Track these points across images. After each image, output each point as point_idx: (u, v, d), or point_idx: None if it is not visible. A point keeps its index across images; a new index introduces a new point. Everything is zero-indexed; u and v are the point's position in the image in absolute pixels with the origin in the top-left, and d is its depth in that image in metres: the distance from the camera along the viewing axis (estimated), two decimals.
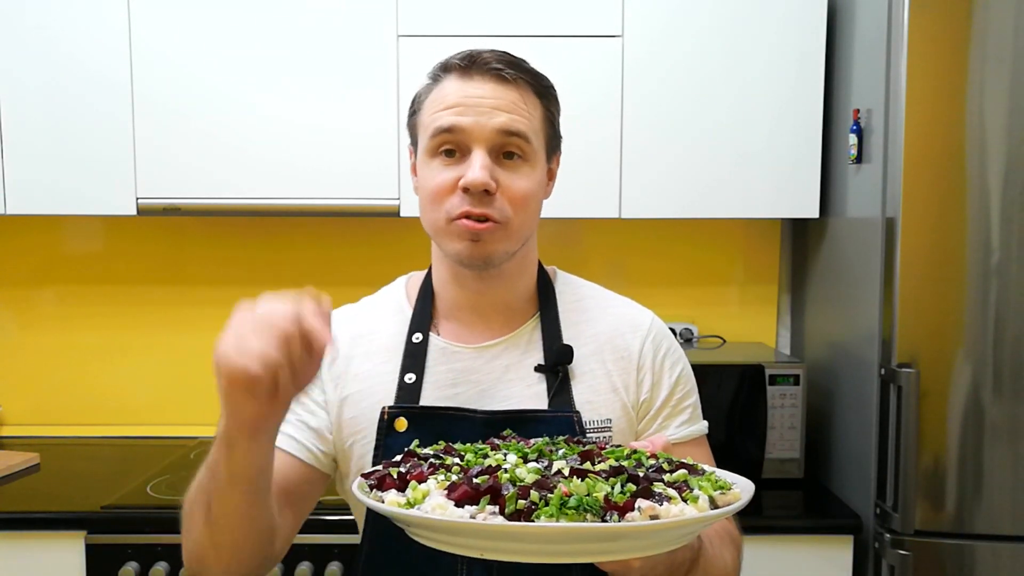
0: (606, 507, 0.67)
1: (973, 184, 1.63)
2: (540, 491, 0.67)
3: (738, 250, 2.36)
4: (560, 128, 1.04)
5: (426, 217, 0.98)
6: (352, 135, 1.98)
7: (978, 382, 1.64)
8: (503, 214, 0.94)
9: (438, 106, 0.95)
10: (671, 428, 1.02)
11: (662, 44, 1.97)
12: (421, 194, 0.99)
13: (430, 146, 0.96)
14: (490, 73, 0.95)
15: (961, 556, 1.65)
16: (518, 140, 0.94)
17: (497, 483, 0.68)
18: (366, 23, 1.96)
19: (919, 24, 1.63)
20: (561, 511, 0.65)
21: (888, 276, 1.69)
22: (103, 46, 1.97)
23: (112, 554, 1.70)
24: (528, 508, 0.66)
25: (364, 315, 1.08)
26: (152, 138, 1.98)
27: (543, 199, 1.02)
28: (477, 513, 0.66)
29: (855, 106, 1.84)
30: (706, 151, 2.00)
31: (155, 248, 2.36)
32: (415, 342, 1.01)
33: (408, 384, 0.99)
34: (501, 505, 0.66)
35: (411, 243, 2.32)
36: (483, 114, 0.93)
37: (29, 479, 1.98)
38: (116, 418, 2.37)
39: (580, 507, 0.65)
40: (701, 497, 0.71)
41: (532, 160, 0.96)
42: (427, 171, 0.97)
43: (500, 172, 0.94)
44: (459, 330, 1.03)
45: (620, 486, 0.70)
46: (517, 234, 0.96)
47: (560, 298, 1.05)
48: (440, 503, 0.68)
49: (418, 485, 0.72)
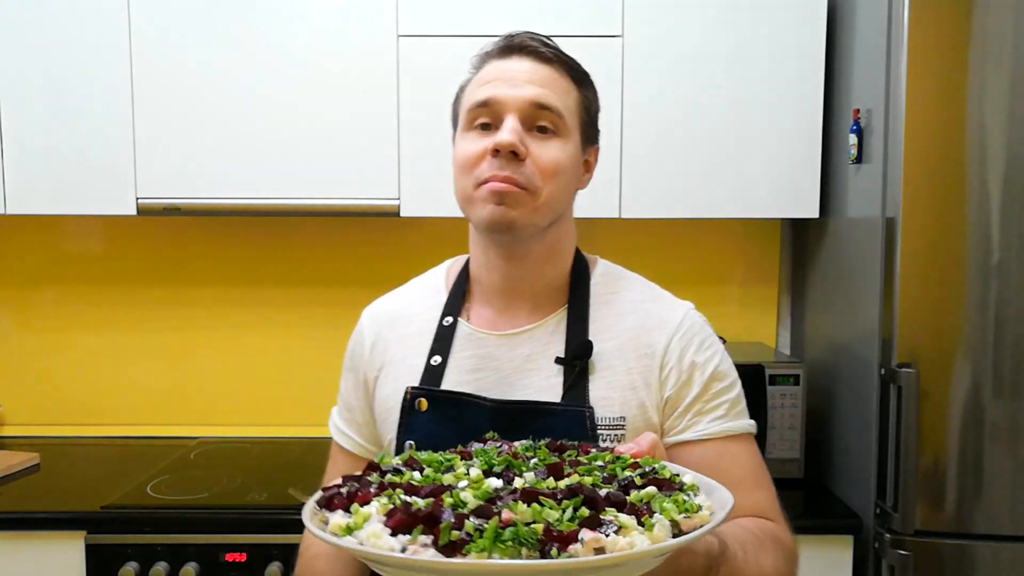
0: (546, 538, 0.60)
1: (973, 184, 1.63)
2: (478, 520, 0.62)
3: (738, 250, 2.36)
4: (598, 120, 1.04)
5: (457, 188, 0.99)
6: (352, 135, 1.98)
7: (978, 382, 1.64)
8: (531, 182, 0.94)
9: (476, 85, 0.98)
10: (702, 424, 0.98)
11: (662, 44, 1.97)
12: (454, 167, 0.99)
13: (466, 120, 0.98)
14: (527, 51, 0.98)
15: (961, 556, 1.64)
16: (550, 114, 0.95)
17: (437, 509, 0.63)
18: (366, 23, 1.96)
19: (919, 24, 1.63)
20: (495, 544, 0.59)
21: (888, 276, 1.69)
22: (103, 46, 1.97)
23: (112, 554, 1.70)
24: (461, 540, 0.60)
25: (404, 297, 1.11)
26: (152, 138, 1.98)
27: (577, 186, 1.02)
28: (409, 544, 0.61)
29: (855, 106, 1.84)
30: (706, 151, 2.00)
31: (155, 248, 2.36)
32: (445, 325, 1.03)
33: (433, 366, 1.02)
34: (436, 535, 0.61)
35: (411, 243, 2.33)
36: (517, 86, 0.95)
37: (29, 479, 1.98)
38: (116, 418, 2.37)
39: (516, 540, 0.59)
40: (659, 524, 0.64)
41: (564, 136, 0.97)
42: (462, 143, 0.99)
43: (531, 142, 0.95)
44: (489, 316, 1.04)
45: (573, 511, 0.64)
46: (545, 206, 0.96)
47: (594, 289, 1.04)
48: (375, 531, 0.63)
49: (360, 508, 0.67)
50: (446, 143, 1.95)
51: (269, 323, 2.36)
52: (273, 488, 1.90)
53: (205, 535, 1.71)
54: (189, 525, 1.73)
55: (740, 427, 1.01)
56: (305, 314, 2.35)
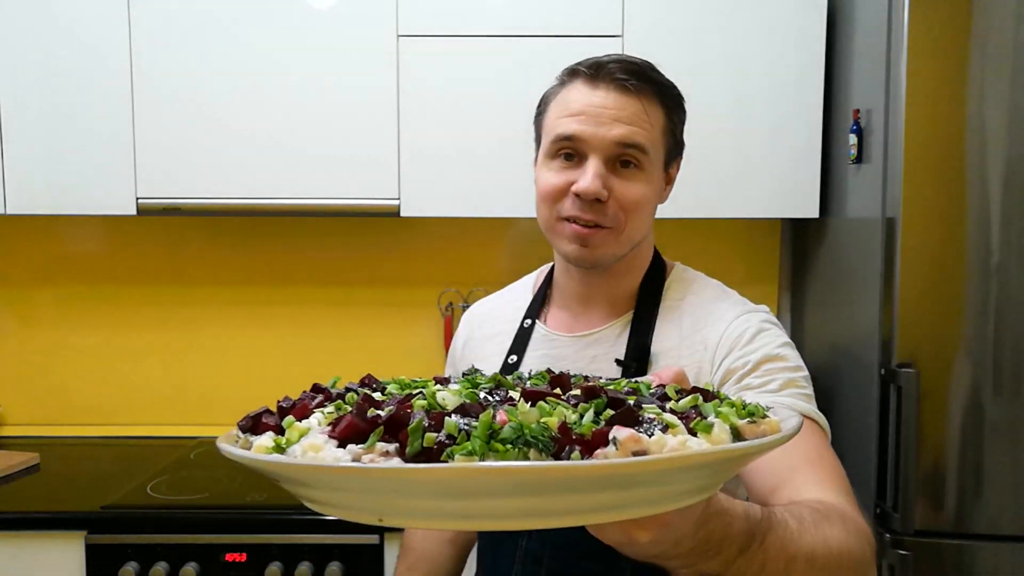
0: (563, 440, 0.46)
1: (973, 184, 1.63)
2: (463, 419, 0.48)
3: (738, 250, 2.36)
4: (683, 135, 1.07)
5: (540, 214, 1.03)
6: (352, 135, 1.98)
7: (978, 382, 1.64)
8: (615, 220, 0.97)
9: (562, 112, 0.98)
10: (749, 396, 0.90)
11: (662, 44, 1.97)
12: (537, 193, 1.02)
13: (551, 149, 0.99)
14: (615, 83, 0.97)
15: (961, 556, 1.64)
16: (634, 151, 0.97)
17: (403, 414, 0.48)
18: (366, 23, 1.96)
19: (919, 24, 1.62)
20: (489, 447, 0.45)
21: (888, 276, 1.69)
22: (103, 46, 1.97)
23: (112, 554, 1.70)
24: (439, 445, 0.46)
25: (498, 299, 1.19)
26: (152, 138, 1.98)
27: (658, 204, 1.06)
28: (364, 454, 0.47)
29: (855, 106, 1.84)
30: (706, 151, 1.99)
31: (155, 248, 2.36)
32: (524, 327, 1.09)
33: (509, 364, 1.06)
34: (402, 441, 0.47)
35: (411, 243, 2.32)
36: (603, 125, 0.95)
37: (29, 479, 1.98)
38: (116, 418, 2.37)
39: (519, 440, 0.45)
40: (717, 425, 0.49)
41: (648, 169, 0.99)
42: (545, 171, 1.01)
43: (614, 180, 0.97)
44: (565, 318, 1.08)
45: (594, 414, 0.49)
46: (627, 239, 1.00)
47: (666, 293, 1.07)
48: (315, 442, 0.49)
49: (296, 422, 0.54)
50: (446, 143, 1.97)
51: (269, 323, 2.36)
52: (273, 488, 1.90)
53: (205, 535, 1.71)
54: (189, 525, 1.73)
55: (798, 406, 0.92)
56: (305, 314, 2.35)
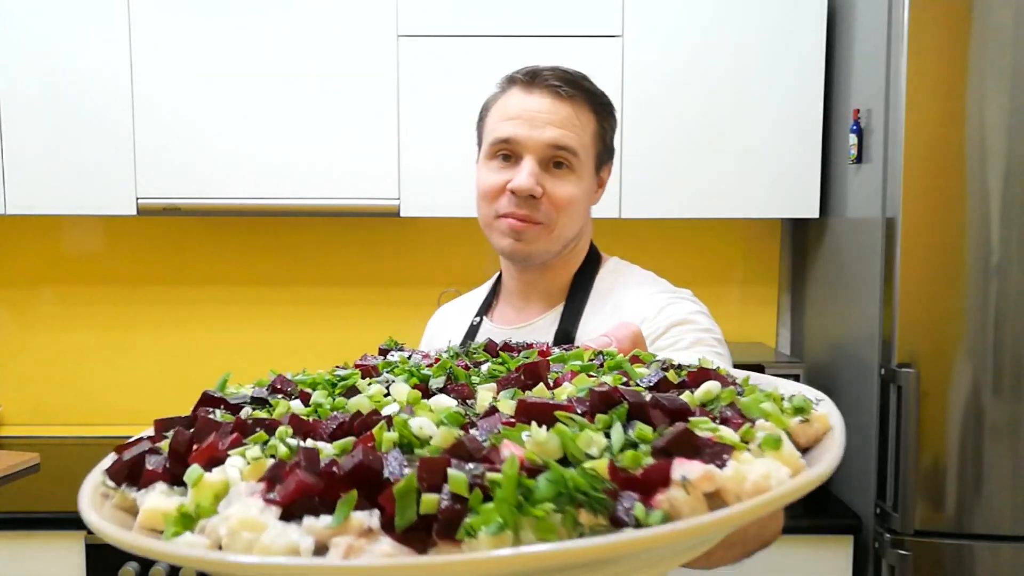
0: (617, 484, 0.33)
1: (973, 184, 1.63)
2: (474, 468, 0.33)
3: (738, 250, 2.36)
4: (613, 142, 1.13)
5: (479, 212, 1.09)
6: (352, 135, 1.98)
7: (978, 382, 1.64)
8: (547, 217, 1.03)
9: (501, 116, 1.05)
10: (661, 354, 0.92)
11: (662, 44, 1.97)
12: (477, 192, 1.09)
13: (490, 151, 1.06)
14: (549, 89, 1.03)
15: (961, 556, 1.64)
16: (566, 153, 1.03)
17: (373, 459, 0.34)
18: (366, 23, 1.96)
19: (919, 24, 1.62)
20: (522, 512, 0.31)
21: (888, 276, 1.69)
22: (103, 46, 1.97)
23: (112, 554, 1.70)
24: (443, 513, 0.32)
25: (462, 300, 1.26)
26: (152, 138, 1.98)
27: (590, 205, 1.12)
28: (333, 535, 0.32)
29: (855, 106, 1.84)
30: (706, 151, 2.00)
31: (155, 248, 2.36)
32: (474, 324, 1.16)
33: None
34: (383, 507, 0.32)
35: (411, 243, 2.32)
36: (537, 128, 1.02)
37: (29, 479, 1.98)
38: (116, 418, 2.37)
39: (566, 495, 0.32)
40: (784, 444, 0.39)
41: (579, 171, 1.05)
42: (484, 171, 1.07)
43: (547, 179, 1.03)
44: (509, 313, 1.15)
45: (622, 429, 0.37)
46: (559, 235, 1.06)
47: (597, 285, 1.12)
48: (247, 515, 0.33)
49: (204, 474, 0.37)
50: (446, 143, 1.97)
51: (269, 323, 2.36)
52: None
53: None
54: None
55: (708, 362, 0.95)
56: (305, 314, 2.35)
